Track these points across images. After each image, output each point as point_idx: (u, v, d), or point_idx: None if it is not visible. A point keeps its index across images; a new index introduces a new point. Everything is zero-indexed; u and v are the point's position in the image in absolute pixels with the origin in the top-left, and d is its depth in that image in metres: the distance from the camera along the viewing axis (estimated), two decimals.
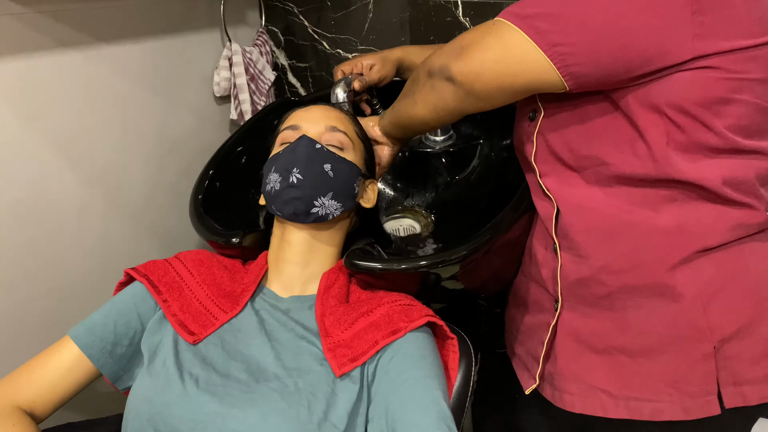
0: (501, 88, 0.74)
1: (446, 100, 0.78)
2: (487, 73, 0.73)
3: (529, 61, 0.69)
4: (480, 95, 0.75)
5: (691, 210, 0.73)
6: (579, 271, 0.80)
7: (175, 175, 1.31)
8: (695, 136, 0.70)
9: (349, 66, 1.11)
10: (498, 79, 0.73)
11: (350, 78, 1.06)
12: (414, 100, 0.85)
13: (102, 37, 1.09)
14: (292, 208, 0.83)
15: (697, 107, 0.68)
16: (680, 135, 0.70)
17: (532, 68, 0.70)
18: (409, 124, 0.90)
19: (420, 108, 0.84)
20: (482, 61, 0.73)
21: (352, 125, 0.94)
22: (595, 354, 0.81)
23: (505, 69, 0.72)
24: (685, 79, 0.67)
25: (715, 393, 0.74)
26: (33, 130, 1.00)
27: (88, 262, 1.13)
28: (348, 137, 0.90)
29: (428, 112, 0.83)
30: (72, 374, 0.79)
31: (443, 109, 0.81)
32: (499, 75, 0.72)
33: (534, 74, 0.70)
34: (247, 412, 0.70)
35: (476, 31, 0.75)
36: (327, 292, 0.84)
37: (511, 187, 0.92)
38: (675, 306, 0.74)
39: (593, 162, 0.76)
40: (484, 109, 0.78)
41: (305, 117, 0.91)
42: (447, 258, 0.81)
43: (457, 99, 0.77)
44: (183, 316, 0.81)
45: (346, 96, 1.05)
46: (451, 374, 0.81)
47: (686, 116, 0.69)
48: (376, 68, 1.10)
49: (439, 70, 0.77)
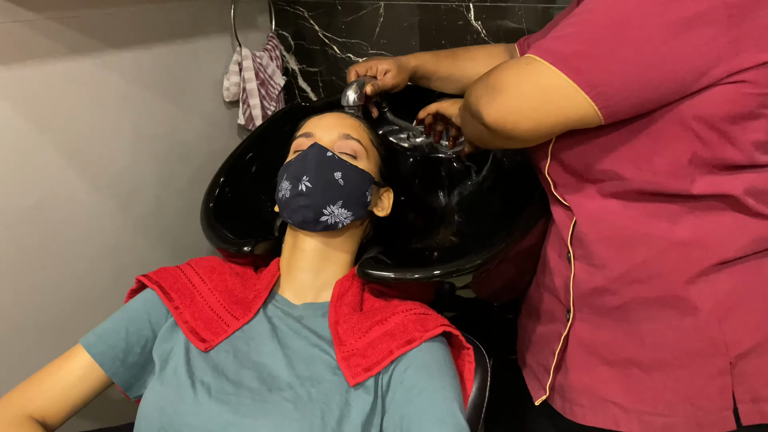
0: (540, 131, 0.72)
1: (487, 141, 0.81)
2: (525, 122, 0.70)
3: (570, 105, 0.67)
4: (522, 138, 0.73)
5: (710, 222, 0.72)
6: (593, 280, 0.79)
7: (185, 181, 1.31)
8: (719, 151, 0.68)
9: (363, 68, 1.09)
10: (537, 127, 0.70)
11: (363, 81, 1.05)
12: (464, 122, 0.88)
13: (112, 43, 1.09)
14: (301, 216, 0.83)
15: (724, 122, 0.67)
16: (704, 150, 0.69)
17: (572, 111, 0.68)
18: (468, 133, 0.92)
19: (469, 131, 0.87)
20: (519, 110, 0.69)
21: (367, 133, 0.93)
22: (607, 366, 0.80)
23: (545, 116, 0.69)
24: (716, 94, 0.65)
25: (731, 408, 0.73)
26: (44, 136, 1.00)
27: (98, 268, 1.13)
28: (362, 145, 0.89)
29: (475, 139, 0.86)
30: (84, 383, 0.79)
31: (491, 144, 0.87)
32: (538, 123, 0.70)
33: (574, 116, 0.68)
34: (260, 421, 0.69)
35: (508, 71, 0.71)
36: (340, 299, 0.84)
37: (524, 194, 0.92)
38: (690, 319, 0.73)
39: (610, 176, 0.74)
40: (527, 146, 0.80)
41: (319, 124, 0.91)
42: (461, 267, 0.80)
43: (498, 141, 0.78)
44: (195, 323, 0.81)
45: (357, 98, 1.04)
46: (467, 385, 0.80)
47: (713, 131, 0.68)
48: (391, 74, 1.08)
49: (475, 114, 0.74)
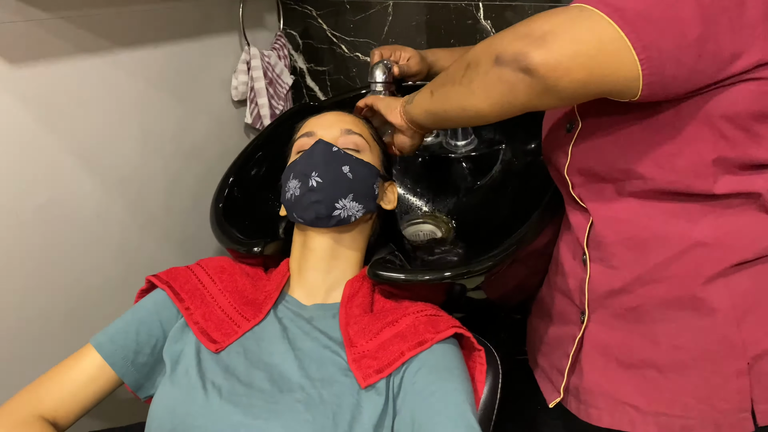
0: (586, 88, 0.63)
1: (517, 93, 0.66)
2: (579, 69, 0.61)
3: (621, 62, 0.60)
4: (562, 94, 0.63)
5: (730, 221, 0.71)
6: (609, 282, 0.78)
7: (194, 180, 1.31)
8: (744, 149, 0.67)
9: (388, 50, 1.08)
10: (588, 80, 0.62)
11: (390, 62, 1.03)
12: (471, 89, 0.72)
13: (122, 42, 1.09)
14: (314, 213, 0.83)
15: (751, 120, 0.66)
16: (729, 149, 0.68)
17: (622, 71, 0.61)
18: (456, 116, 0.78)
19: (479, 99, 0.71)
20: (574, 56, 0.61)
21: (367, 127, 0.94)
22: (622, 368, 0.79)
23: (599, 69, 0.61)
24: (742, 92, 0.64)
25: (749, 410, 0.72)
26: (54, 134, 1.00)
27: (107, 268, 1.13)
28: (364, 139, 0.90)
29: (490, 105, 0.70)
30: (94, 383, 0.78)
31: (509, 104, 0.68)
32: (591, 74, 0.61)
33: (622, 78, 0.61)
34: (271, 423, 0.69)
35: (561, 16, 0.63)
36: (351, 300, 0.83)
37: (534, 194, 0.91)
38: (708, 320, 0.72)
39: (629, 175, 0.73)
40: (554, 107, 0.69)
41: (319, 123, 0.92)
42: (472, 269, 0.80)
43: (532, 94, 0.65)
44: (205, 324, 0.81)
45: (386, 77, 1.02)
46: (478, 386, 0.80)
47: (738, 129, 0.67)
48: (414, 61, 1.07)
49: (514, 58, 0.63)
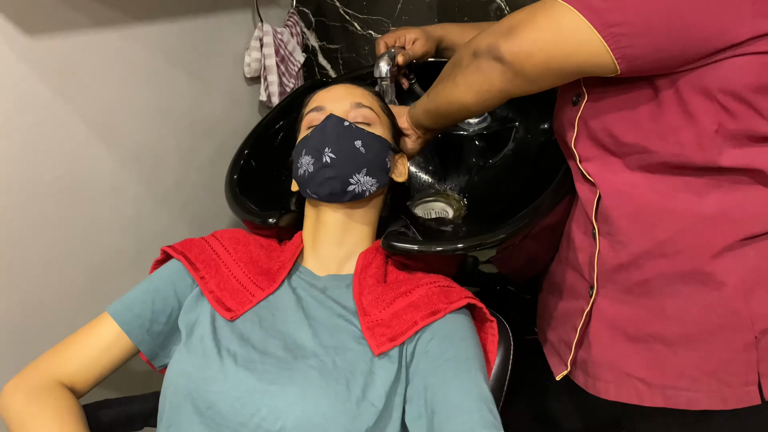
0: (551, 69, 0.72)
1: (492, 81, 0.75)
2: (538, 53, 0.70)
3: (582, 42, 0.67)
4: (529, 77, 0.73)
5: (737, 196, 0.72)
6: (617, 257, 0.79)
7: (207, 155, 1.32)
8: (747, 123, 0.68)
9: (392, 38, 1.10)
10: (549, 61, 0.71)
11: (394, 52, 1.04)
12: (455, 83, 0.82)
13: (138, 15, 1.09)
14: (329, 188, 0.83)
15: (751, 93, 0.66)
16: (731, 122, 0.68)
17: (584, 50, 0.68)
18: (446, 111, 0.87)
19: (462, 91, 0.81)
20: (533, 42, 0.70)
21: (377, 100, 0.94)
22: (630, 342, 0.80)
23: (557, 50, 0.69)
24: (741, 64, 0.65)
25: (756, 383, 0.73)
26: (70, 108, 1.00)
27: (121, 241, 1.14)
28: (374, 112, 0.90)
29: (471, 95, 0.80)
30: (111, 351, 0.80)
31: (487, 92, 0.77)
32: (550, 56, 0.70)
33: (586, 56, 0.68)
34: (286, 389, 0.70)
35: (526, 11, 0.72)
36: (364, 271, 0.84)
37: (547, 171, 0.91)
38: (715, 294, 0.73)
39: (636, 149, 0.74)
40: (530, 92, 0.76)
41: (329, 96, 0.91)
42: (484, 241, 0.81)
43: (505, 80, 0.74)
44: (220, 293, 0.82)
45: (390, 70, 1.04)
46: (490, 357, 0.81)
47: (740, 102, 0.67)
48: (420, 42, 1.08)
49: (487, 49, 0.74)
